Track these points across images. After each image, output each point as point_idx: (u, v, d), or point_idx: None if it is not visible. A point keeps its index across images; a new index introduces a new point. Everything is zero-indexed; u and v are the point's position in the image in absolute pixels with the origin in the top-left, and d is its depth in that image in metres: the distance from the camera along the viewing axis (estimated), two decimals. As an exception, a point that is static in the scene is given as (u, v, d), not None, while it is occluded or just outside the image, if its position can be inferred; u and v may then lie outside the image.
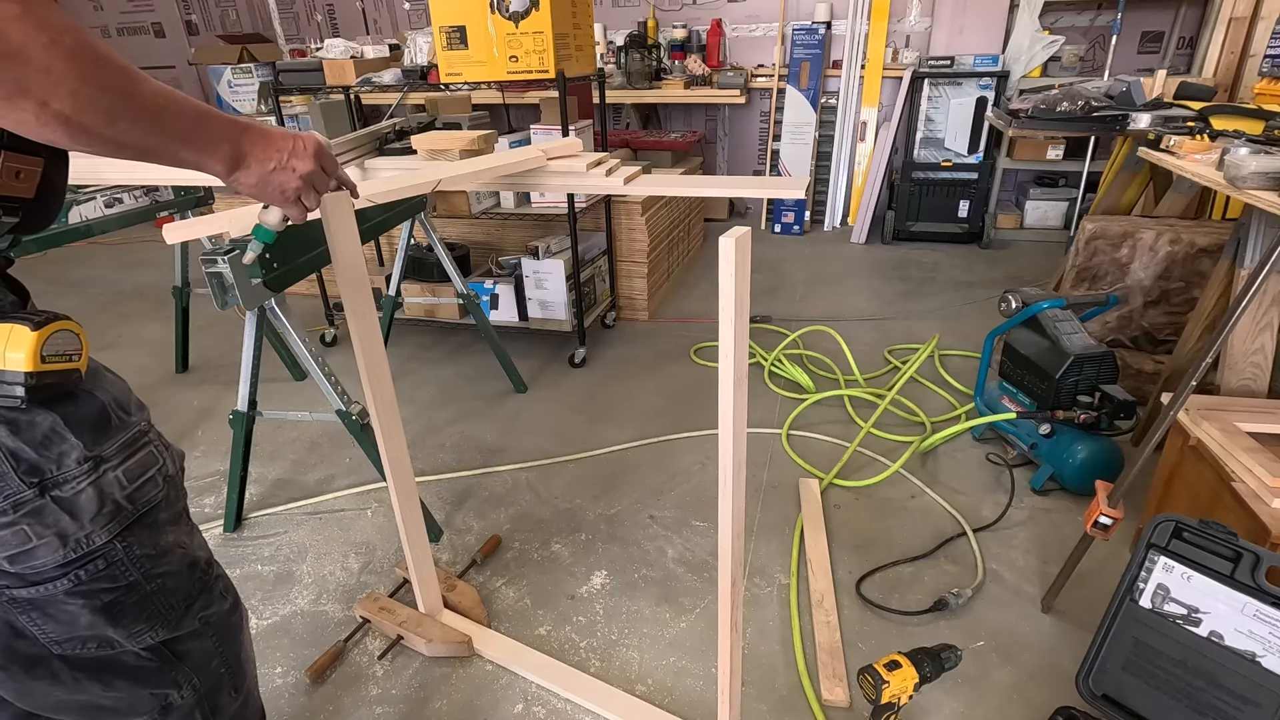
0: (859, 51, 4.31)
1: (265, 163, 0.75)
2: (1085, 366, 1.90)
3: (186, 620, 0.80)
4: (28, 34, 0.50)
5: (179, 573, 0.78)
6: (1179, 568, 1.20)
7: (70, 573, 0.67)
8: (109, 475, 0.67)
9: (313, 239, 1.61)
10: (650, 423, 2.42)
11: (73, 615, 0.69)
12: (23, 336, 0.59)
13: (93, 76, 0.55)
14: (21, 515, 0.62)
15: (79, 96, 0.54)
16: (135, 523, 0.71)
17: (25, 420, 0.62)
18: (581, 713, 1.41)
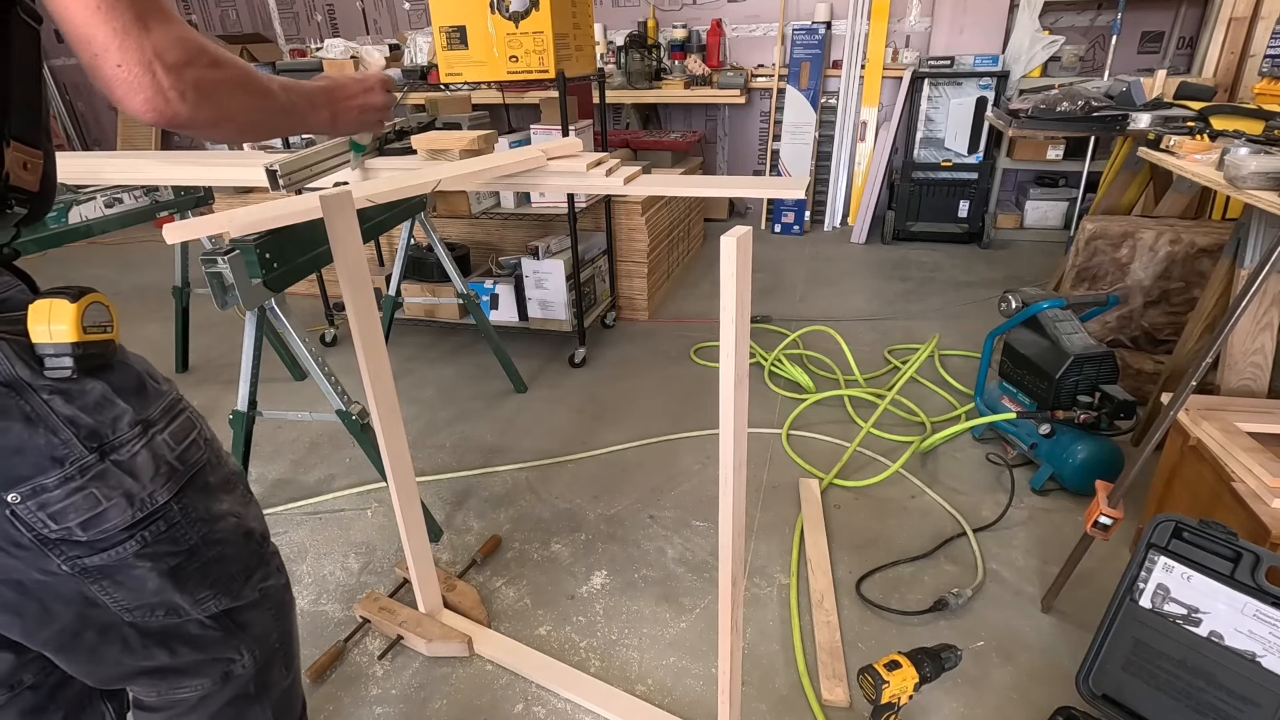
0: (859, 51, 4.31)
1: (350, 111, 0.97)
2: (1085, 366, 1.90)
3: (247, 590, 0.84)
4: (156, 90, 0.62)
5: (235, 540, 0.81)
6: (1179, 568, 1.20)
7: (137, 534, 0.70)
8: (158, 438, 0.71)
9: (313, 239, 1.61)
10: (650, 423, 2.42)
11: (141, 580, 0.72)
12: (64, 309, 0.62)
13: (255, 93, 0.73)
14: (89, 479, 0.65)
15: (247, 110, 0.72)
16: (188, 484, 0.74)
17: (77, 389, 0.65)
18: (581, 713, 1.41)
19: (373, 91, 1.01)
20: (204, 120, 0.66)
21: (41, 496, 0.64)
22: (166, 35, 0.61)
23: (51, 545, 0.66)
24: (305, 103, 0.86)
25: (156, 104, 0.62)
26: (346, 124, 0.98)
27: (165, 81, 0.62)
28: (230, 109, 0.69)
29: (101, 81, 0.61)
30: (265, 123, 0.79)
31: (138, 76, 0.61)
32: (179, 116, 0.64)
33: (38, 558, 0.66)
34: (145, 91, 0.61)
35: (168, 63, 0.61)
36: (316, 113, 0.90)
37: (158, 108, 0.62)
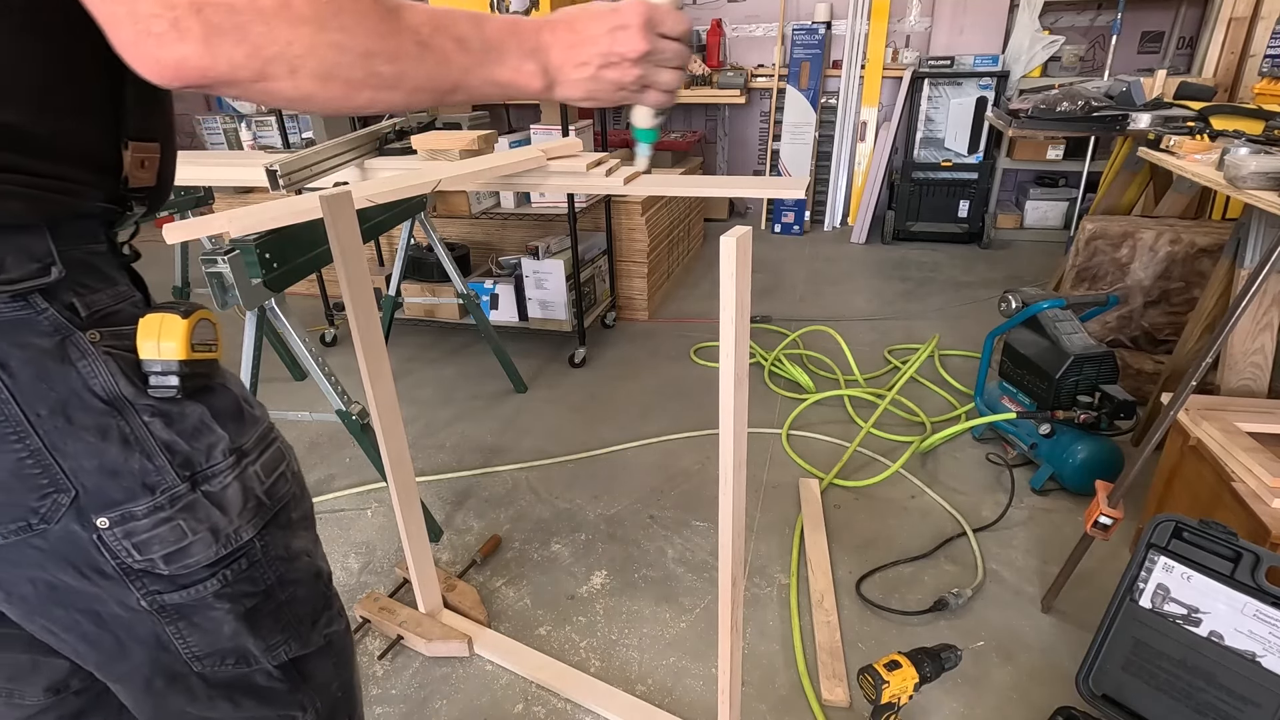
0: (859, 51, 4.31)
1: (582, 68, 0.62)
2: (1085, 366, 1.90)
3: (314, 636, 0.77)
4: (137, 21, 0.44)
5: (307, 582, 0.75)
6: (1179, 568, 1.20)
7: (219, 572, 0.65)
8: (249, 469, 0.66)
9: (313, 239, 1.62)
10: (650, 423, 2.42)
11: (217, 623, 0.67)
12: (175, 325, 0.59)
13: (330, 21, 0.47)
14: (177, 510, 0.61)
15: (318, 50, 0.47)
16: (272, 520, 0.69)
17: (177, 412, 0.61)
18: (581, 713, 1.41)
19: (625, 32, 0.62)
20: (234, 69, 0.46)
21: (129, 524, 0.59)
22: None
23: (134, 577, 0.62)
24: (479, 45, 0.56)
25: (143, 44, 0.44)
26: (577, 90, 0.63)
27: (143, 3, 0.43)
28: (281, 51, 0.46)
29: (100, 23, 0.45)
30: (373, 75, 0.51)
31: (106, 1, 0.44)
32: (187, 64, 0.44)
33: (119, 589, 0.62)
34: (123, 26, 0.44)
35: None
36: (503, 64, 0.58)
37: (148, 51, 0.44)
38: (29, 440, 0.54)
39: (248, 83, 0.47)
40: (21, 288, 0.52)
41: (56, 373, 0.55)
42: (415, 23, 0.52)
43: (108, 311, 0.59)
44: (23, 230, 0.53)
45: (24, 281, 0.52)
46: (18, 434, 0.54)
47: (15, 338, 0.53)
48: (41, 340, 0.54)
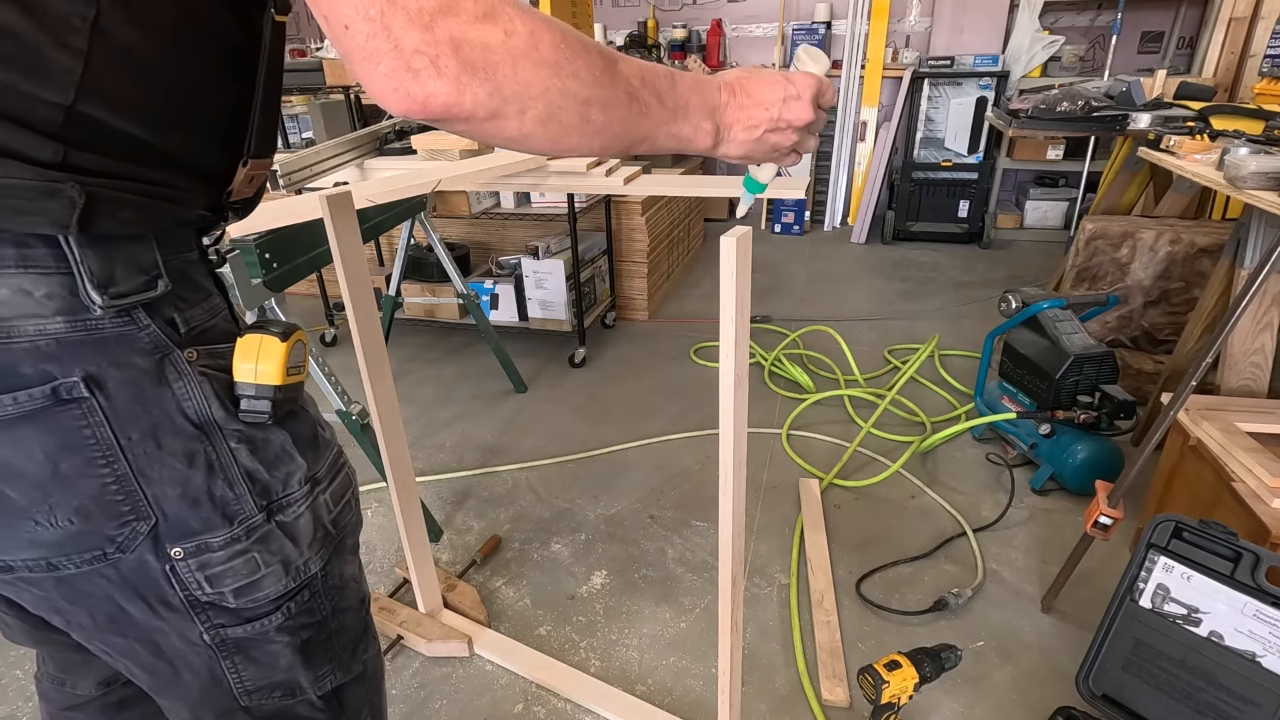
0: (859, 51, 4.31)
1: (752, 130, 0.63)
2: (1085, 366, 1.90)
3: (355, 663, 0.75)
4: (487, 33, 0.44)
5: (354, 609, 0.73)
6: (1179, 568, 1.20)
7: (283, 606, 0.63)
8: (320, 498, 0.64)
9: (313, 239, 1.61)
10: (650, 423, 2.42)
11: (274, 656, 0.65)
12: (274, 348, 0.56)
13: (565, 66, 0.48)
14: (252, 542, 0.58)
15: (550, 93, 0.48)
16: (336, 549, 0.67)
17: (262, 439, 0.58)
18: (581, 713, 1.41)
19: (798, 102, 0.64)
20: (475, 106, 0.45)
21: (204, 556, 0.57)
22: None
23: (200, 609, 0.59)
24: (672, 101, 0.57)
25: (398, 78, 0.43)
26: (740, 146, 0.64)
27: (408, 40, 0.42)
28: (519, 91, 0.46)
29: (344, 58, 0.45)
30: (585, 122, 0.51)
31: (371, 36, 0.42)
32: (434, 100, 0.44)
33: (183, 622, 0.60)
34: (384, 60, 0.43)
35: (410, 10, 0.42)
36: (687, 121, 0.59)
37: (401, 85, 0.43)
38: (117, 465, 0.52)
39: (481, 120, 0.47)
40: (128, 302, 0.51)
41: (152, 395, 0.53)
42: (628, 74, 0.53)
43: (204, 327, 0.57)
44: (132, 240, 0.51)
45: (132, 295, 0.51)
46: (106, 459, 0.51)
47: (115, 356, 0.51)
48: (141, 359, 0.52)
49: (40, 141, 0.45)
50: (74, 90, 0.45)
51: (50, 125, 0.46)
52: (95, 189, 0.47)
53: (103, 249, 0.49)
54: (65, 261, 0.48)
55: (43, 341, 0.48)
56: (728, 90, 0.62)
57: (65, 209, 0.46)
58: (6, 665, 1.55)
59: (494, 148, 1.63)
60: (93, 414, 0.50)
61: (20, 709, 1.45)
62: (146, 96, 0.50)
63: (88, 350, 0.50)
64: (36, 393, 0.48)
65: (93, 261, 0.49)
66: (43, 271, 0.48)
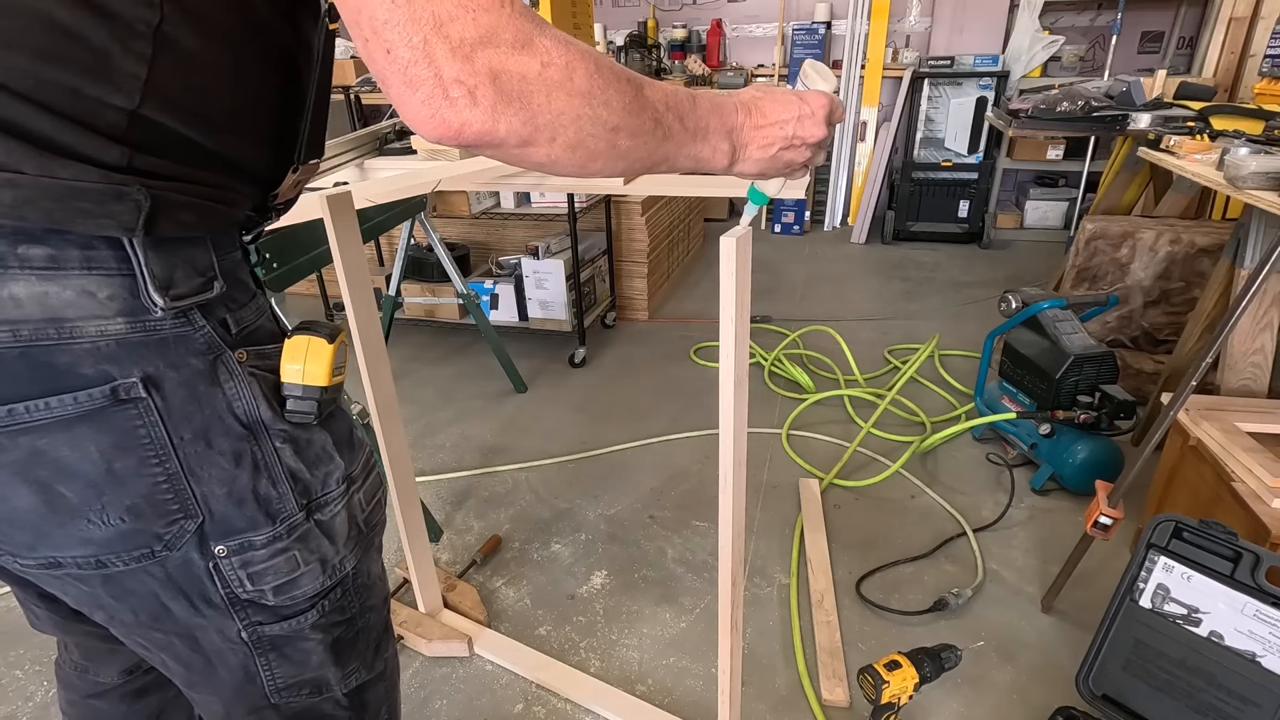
0: (859, 51, 4.31)
1: (767, 149, 0.64)
2: (1085, 366, 1.90)
3: (378, 662, 0.76)
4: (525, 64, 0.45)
5: (379, 607, 0.74)
6: (1179, 568, 1.20)
7: (318, 603, 0.64)
8: (355, 496, 0.65)
9: (313, 239, 1.61)
10: (650, 423, 2.42)
11: (307, 654, 0.66)
12: (322, 350, 0.57)
13: (597, 95, 0.48)
14: (293, 540, 0.60)
15: (580, 121, 0.48)
16: (367, 546, 0.69)
17: (305, 439, 0.60)
18: (581, 713, 1.41)
19: (811, 120, 0.65)
20: (508, 135, 0.46)
21: (247, 554, 0.58)
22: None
23: (239, 607, 0.60)
24: (693, 124, 0.57)
25: (435, 105, 0.44)
26: (754, 168, 0.65)
27: (448, 69, 0.43)
28: (551, 120, 0.47)
29: (379, 80, 0.45)
30: (613, 148, 0.51)
31: (413, 64, 0.43)
32: (468, 128, 0.45)
33: (222, 619, 0.61)
34: (423, 87, 0.43)
35: (453, 40, 0.42)
36: (706, 142, 0.59)
37: (437, 112, 0.44)
38: (169, 465, 0.53)
39: (511, 147, 0.47)
40: (187, 303, 0.52)
41: (205, 395, 0.54)
42: (654, 99, 0.53)
43: (253, 328, 0.58)
44: (190, 243, 0.52)
45: (190, 297, 0.52)
46: (159, 458, 0.52)
47: (173, 357, 0.52)
48: (196, 360, 0.53)
49: (107, 145, 0.46)
50: (139, 94, 0.46)
51: (116, 129, 0.46)
52: (159, 192, 0.48)
53: (164, 251, 0.50)
54: (128, 264, 0.49)
55: (103, 342, 0.49)
56: (744, 110, 0.62)
57: (131, 212, 0.47)
58: (6, 665, 1.55)
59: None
60: (149, 414, 0.51)
61: (20, 709, 1.45)
62: (205, 101, 0.51)
63: (146, 351, 0.51)
64: (96, 393, 0.49)
65: (155, 264, 0.49)
66: (106, 273, 0.49)
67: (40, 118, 0.44)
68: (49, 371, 0.48)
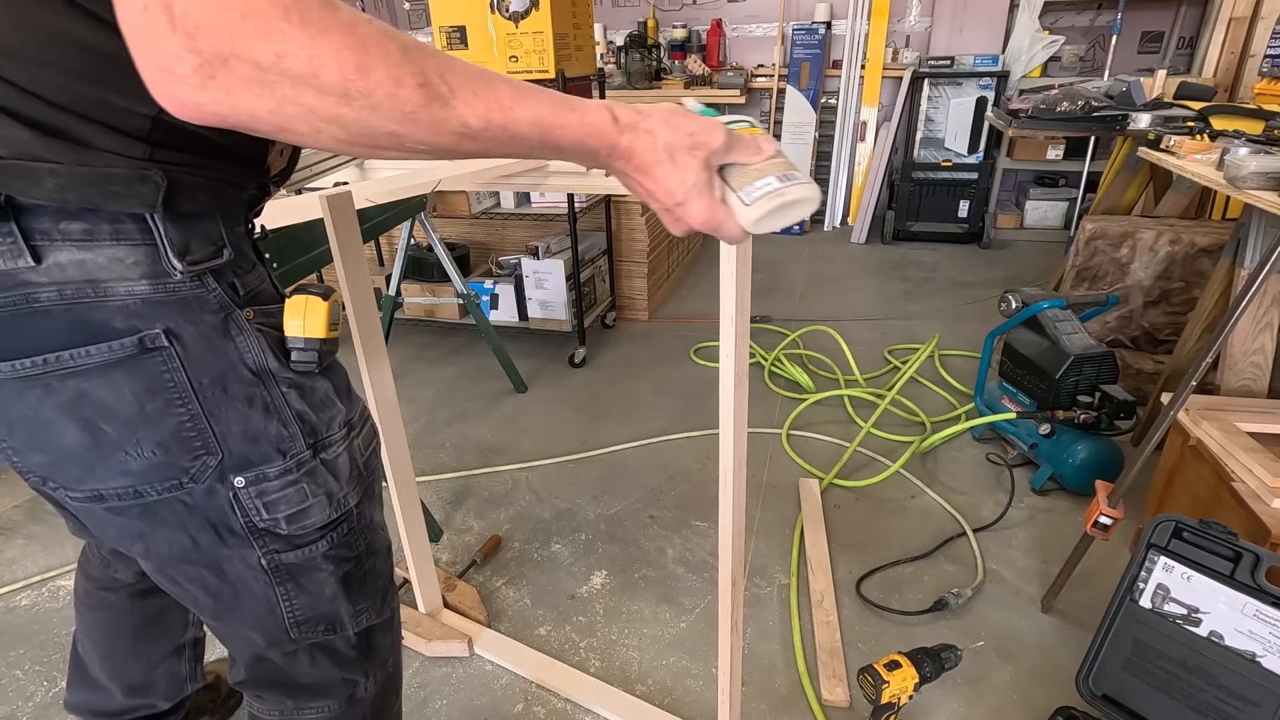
0: (859, 51, 4.31)
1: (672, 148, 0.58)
2: (1085, 366, 1.90)
3: (385, 608, 0.84)
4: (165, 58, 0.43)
5: (384, 554, 0.83)
6: (1179, 568, 1.20)
7: (328, 534, 0.72)
8: (355, 441, 0.73)
9: (313, 239, 1.61)
10: (650, 423, 2.42)
11: (321, 585, 0.74)
12: (319, 306, 0.66)
13: (358, 99, 0.45)
14: (302, 474, 0.68)
15: (343, 119, 0.45)
16: (366, 490, 0.77)
17: (309, 385, 0.68)
18: (581, 713, 1.41)
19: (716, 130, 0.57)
20: (251, 120, 0.45)
21: (262, 484, 0.66)
22: None
23: (258, 535, 0.68)
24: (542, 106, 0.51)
25: (167, 82, 0.43)
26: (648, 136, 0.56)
27: (172, 45, 0.41)
28: (298, 113, 0.44)
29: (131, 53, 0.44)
30: (397, 145, 0.48)
31: (147, 31, 0.41)
32: (205, 109, 0.44)
33: (244, 547, 0.68)
34: (154, 61, 0.42)
35: (176, 11, 0.40)
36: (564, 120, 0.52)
37: (169, 89, 0.43)
38: (191, 406, 0.61)
39: (269, 133, 0.47)
40: (201, 268, 0.60)
41: (219, 347, 0.62)
42: (465, 115, 0.48)
43: (257, 290, 0.66)
44: (203, 217, 0.60)
45: (204, 263, 0.60)
46: (183, 400, 0.61)
47: (190, 314, 0.60)
48: (210, 317, 0.61)
49: (133, 143, 0.54)
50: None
51: (140, 131, 0.54)
52: (176, 175, 0.56)
53: (180, 224, 0.58)
54: (151, 235, 0.57)
55: (131, 300, 0.57)
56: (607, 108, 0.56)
57: (152, 192, 0.55)
58: (6, 665, 1.55)
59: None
60: (171, 361, 0.59)
61: (20, 709, 1.45)
62: None
63: (168, 308, 0.59)
64: (127, 342, 0.58)
65: (173, 234, 0.58)
66: (132, 243, 0.57)
67: (78, 123, 0.52)
68: (88, 325, 0.57)
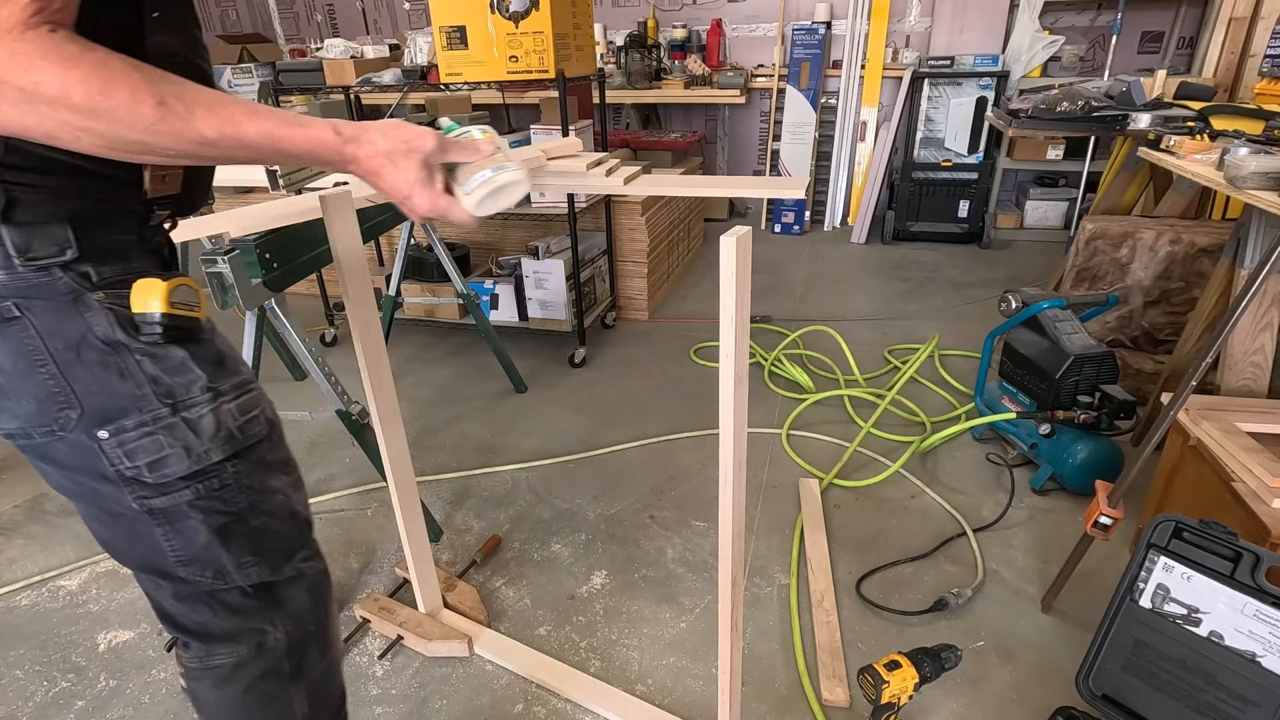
0: (859, 51, 4.31)
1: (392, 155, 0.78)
2: (1085, 366, 1.90)
3: (287, 567, 0.92)
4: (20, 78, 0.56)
5: (282, 517, 0.90)
6: (1179, 568, 1.20)
7: (192, 485, 0.80)
8: (225, 406, 0.81)
9: (313, 239, 1.61)
10: (650, 423, 2.42)
11: (193, 530, 0.82)
12: (156, 287, 0.76)
13: (104, 115, 0.60)
14: (159, 427, 0.77)
15: (96, 131, 0.60)
16: (244, 452, 0.84)
17: (162, 354, 0.77)
18: (581, 713, 1.41)
19: (428, 136, 0.78)
20: (9, 128, 0.60)
21: (121, 435, 0.75)
22: None
23: (127, 482, 0.78)
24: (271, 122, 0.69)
25: None
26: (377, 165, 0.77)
27: None
28: (60, 127, 0.60)
29: None
30: (147, 153, 0.65)
31: None
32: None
33: (118, 491, 0.78)
34: None
35: None
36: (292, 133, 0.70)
37: None
38: (50, 368, 0.72)
39: (42, 139, 0.60)
40: (43, 263, 0.70)
41: (70, 319, 0.72)
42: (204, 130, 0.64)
43: (117, 280, 0.75)
44: (48, 224, 0.70)
45: (45, 259, 0.70)
46: (43, 362, 0.72)
47: (39, 295, 0.71)
48: (57, 299, 0.72)
49: None
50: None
51: None
52: (15, 192, 0.67)
53: (22, 230, 0.69)
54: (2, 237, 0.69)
55: None
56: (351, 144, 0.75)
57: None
58: (6, 665, 1.55)
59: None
60: (27, 330, 0.71)
61: (20, 709, 1.45)
62: None
63: (19, 290, 0.70)
64: None
65: (15, 237, 0.69)
66: None
67: None
68: None
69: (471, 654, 1.54)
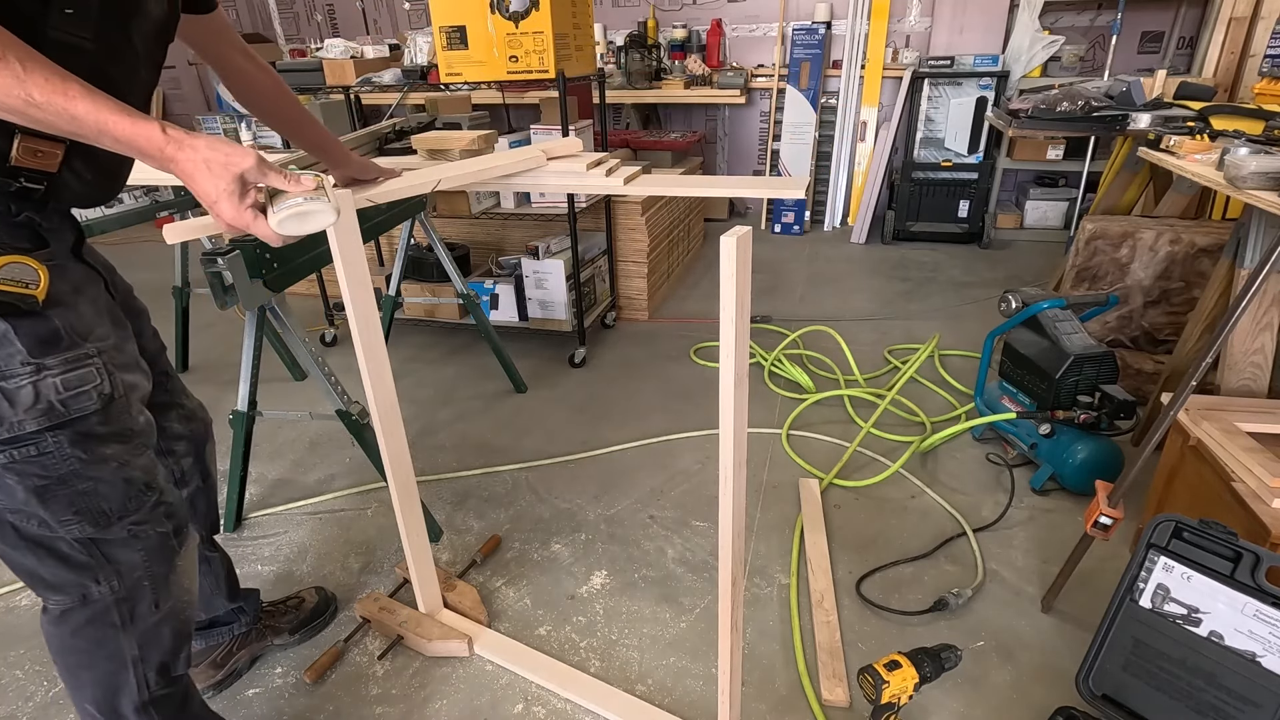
0: (859, 51, 4.31)
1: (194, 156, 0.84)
2: (1085, 366, 1.90)
3: (115, 528, 0.98)
4: None
5: (112, 481, 0.95)
6: (1179, 568, 1.20)
7: (6, 450, 0.86)
8: (48, 380, 0.85)
9: (313, 239, 1.61)
10: (650, 423, 2.42)
11: (11, 489, 0.89)
12: None
13: None
14: None
15: None
16: (68, 425, 0.89)
17: None
18: (581, 713, 1.41)
19: (249, 157, 0.83)
20: None
21: None
22: None
23: None
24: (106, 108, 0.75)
25: None
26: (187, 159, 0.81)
27: None
28: None
29: None
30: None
31: None
32: None
33: None
34: None
35: None
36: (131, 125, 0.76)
37: None
38: None
39: None
40: None
41: None
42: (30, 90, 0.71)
43: None
44: None
45: None
46: None
47: None
48: None
49: None
50: None
51: None
52: None
53: None
54: None
55: None
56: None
57: None
58: (6, 665, 1.55)
59: (493, 148, 1.63)
60: None
61: (20, 709, 1.45)
62: None
63: None
64: None
65: None
66: None
67: None
68: None
69: (471, 654, 1.54)
